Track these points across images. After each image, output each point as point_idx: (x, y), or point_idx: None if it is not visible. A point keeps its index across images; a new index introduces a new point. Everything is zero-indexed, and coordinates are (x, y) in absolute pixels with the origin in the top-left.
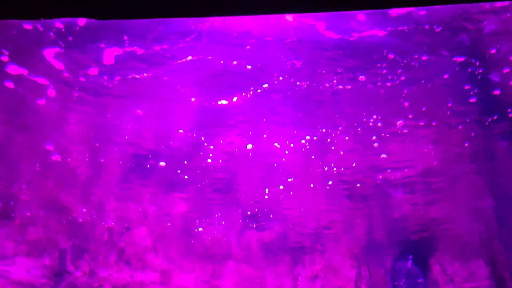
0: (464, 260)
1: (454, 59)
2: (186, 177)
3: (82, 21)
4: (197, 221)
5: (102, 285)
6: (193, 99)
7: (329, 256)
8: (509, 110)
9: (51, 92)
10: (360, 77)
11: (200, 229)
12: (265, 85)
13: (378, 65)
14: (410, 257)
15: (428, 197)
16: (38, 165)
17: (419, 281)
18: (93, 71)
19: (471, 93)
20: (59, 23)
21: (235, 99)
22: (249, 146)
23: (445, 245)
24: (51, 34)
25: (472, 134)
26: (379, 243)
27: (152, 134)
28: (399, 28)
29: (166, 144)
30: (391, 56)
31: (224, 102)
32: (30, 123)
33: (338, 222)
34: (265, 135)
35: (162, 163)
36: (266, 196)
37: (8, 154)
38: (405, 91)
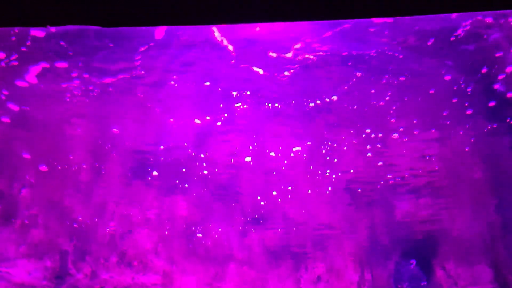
0: (468, 263)
1: (453, 68)
2: (187, 184)
3: (84, 28)
4: (199, 223)
5: (103, 287)
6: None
7: (332, 259)
8: (508, 120)
9: (50, 95)
10: (359, 84)
11: (200, 235)
12: (264, 92)
13: (372, 71)
14: (413, 260)
15: (431, 201)
16: (39, 167)
17: (422, 284)
18: (95, 74)
19: (472, 99)
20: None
21: (238, 104)
22: (251, 153)
23: (449, 248)
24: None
25: (474, 140)
26: (382, 246)
27: (153, 137)
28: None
29: (168, 147)
30: (389, 63)
31: (225, 105)
32: (31, 125)
33: (340, 225)
34: (267, 140)
35: (163, 166)
36: (268, 200)
37: (9, 156)
38: (406, 98)
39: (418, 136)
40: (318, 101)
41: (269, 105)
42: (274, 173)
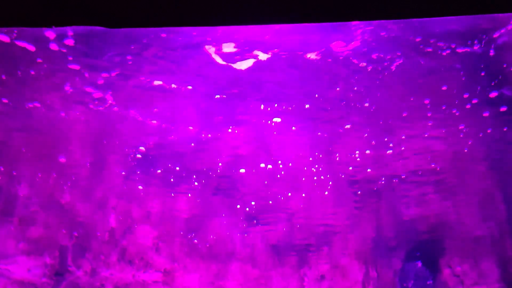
0: (474, 261)
1: (460, 70)
2: (188, 182)
3: (90, 29)
4: (201, 220)
5: (103, 284)
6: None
7: (336, 257)
8: None
9: (52, 94)
10: (365, 83)
11: (196, 241)
12: (267, 91)
13: (386, 64)
14: (420, 258)
15: (438, 197)
16: (39, 163)
17: (428, 283)
18: (96, 75)
19: (481, 100)
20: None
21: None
22: (253, 150)
23: (455, 246)
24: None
25: (483, 135)
26: (387, 244)
27: (156, 134)
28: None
29: (170, 143)
30: (398, 59)
31: (228, 105)
32: (31, 122)
33: (345, 222)
34: (270, 138)
35: (165, 163)
36: (271, 197)
37: (9, 152)
38: (416, 94)
39: (425, 135)
40: (321, 99)
41: (273, 103)
42: (277, 170)
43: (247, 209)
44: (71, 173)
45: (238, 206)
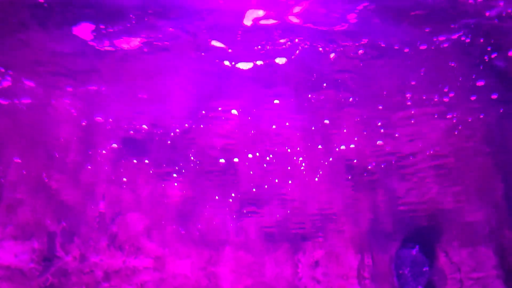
0: (472, 248)
1: (462, 41)
2: (180, 164)
3: None
4: (193, 205)
5: (93, 270)
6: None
7: (331, 243)
8: None
9: (39, 77)
10: (364, 59)
11: (183, 232)
12: (263, 71)
13: (381, 45)
14: (416, 244)
15: (435, 183)
16: (26, 146)
17: (424, 269)
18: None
19: (480, 78)
20: None
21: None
22: (247, 134)
23: (452, 232)
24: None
25: (481, 119)
26: (383, 230)
27: (147, 115)
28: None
29: (162, 125)
30: (394, 39)
31: (222, 87)
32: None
33: (340, 207)
34: (265, 119)
35: (157, 147)
36: (265, 182)
37: None
38: (412, 77)
39: (423, 118)
40: (319, 80)
41: (270, 89)
42: (271, 157)
43: (241, 193)
44: (59, 155)
45: (232, 191)
